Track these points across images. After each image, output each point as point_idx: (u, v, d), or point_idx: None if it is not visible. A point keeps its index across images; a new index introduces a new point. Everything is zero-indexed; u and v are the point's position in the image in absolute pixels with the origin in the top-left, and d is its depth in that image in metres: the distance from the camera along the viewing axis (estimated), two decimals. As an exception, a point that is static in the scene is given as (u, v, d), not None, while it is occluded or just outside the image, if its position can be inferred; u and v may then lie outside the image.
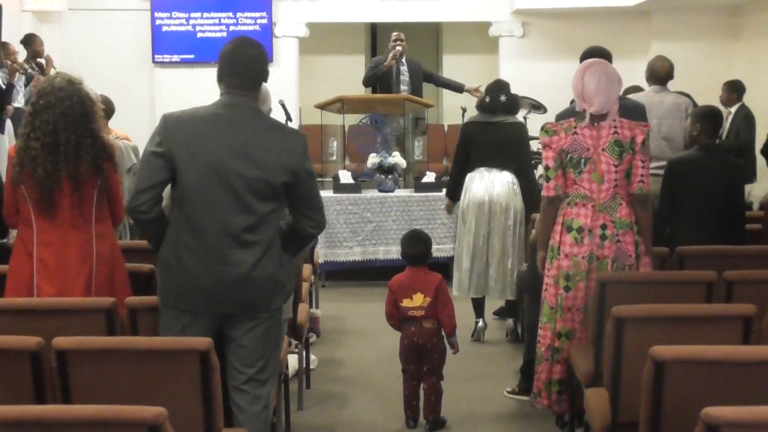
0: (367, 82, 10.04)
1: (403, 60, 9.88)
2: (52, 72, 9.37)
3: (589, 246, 4.55)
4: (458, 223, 6.99)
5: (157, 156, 3.54)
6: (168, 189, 3.67)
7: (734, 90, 9.65)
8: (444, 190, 8.44)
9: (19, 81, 9.64)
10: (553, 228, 4.65)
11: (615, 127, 4.57)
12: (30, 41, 10.39)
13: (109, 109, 6.31)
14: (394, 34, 10.00)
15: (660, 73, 6.72)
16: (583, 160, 4.55)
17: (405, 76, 9.87)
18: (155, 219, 3.60)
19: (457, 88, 10.11)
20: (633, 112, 5.38)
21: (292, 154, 3.60)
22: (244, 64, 3.63)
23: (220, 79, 3.65)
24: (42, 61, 10.33)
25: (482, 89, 9.82)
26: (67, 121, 4.11)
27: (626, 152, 4.55)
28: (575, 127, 4.58)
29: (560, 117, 5.53)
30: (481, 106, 6.90)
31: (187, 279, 3.57)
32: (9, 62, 9.58)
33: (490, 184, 6.74)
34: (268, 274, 3.59)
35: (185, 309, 3.59)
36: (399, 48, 9.75)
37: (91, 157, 4.12)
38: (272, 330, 3.69)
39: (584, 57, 5.42)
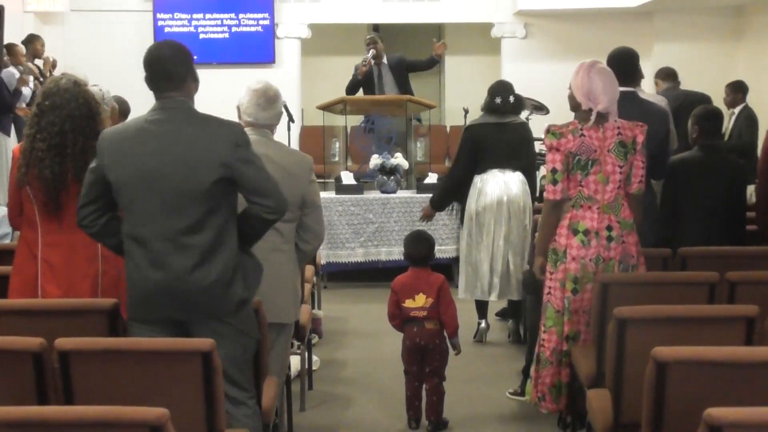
0: (347, 92, 9.81)
1: (384, 61, 9.73)
2: (53, 73, 9.42)
3: (596, 248, 4.54)
4: (468, 225, 6.87)
5: (91, 172, 3.63)
6: None
7: (738, 91, 9.64)
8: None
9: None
10: (557, 231, 4.64)
11: (618, 127, 4.56)
12: (31, 41, 10.40)
13: (124, 109, 6.40)
14: (367, 38, 9.84)
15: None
16: (590, 162, 4.54)
17: (388, 77, 9.73)
18: (100, 232, 3.66)
19: (431, 61, 9.88)
20: (654, 114, 5.29)
21: (220, 147, 3.53)
22: (159, 65, 3.64)
23: (148, 87, 3.67)
24: (40, 62, 10.35)
25: (437, 41, 9.76)
26: (74, 123, 4.11)
27: (629, 153, 4.55)
28: (582, 129, 4.57)
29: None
30: (491, 108, 6.81)
31: (135, 287, 3.58)
32: (22, 66, 9.62)
33: (505, 185, 6.71)
34: (212, 277, 3.52)
35: (139, 318, 3.59)
36: (372, 52, 9.59)
37: None
38: (235, 336, 3.59)
39: (613, 57, 5.35)
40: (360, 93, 9.98)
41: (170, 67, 3.63)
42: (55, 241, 4.15)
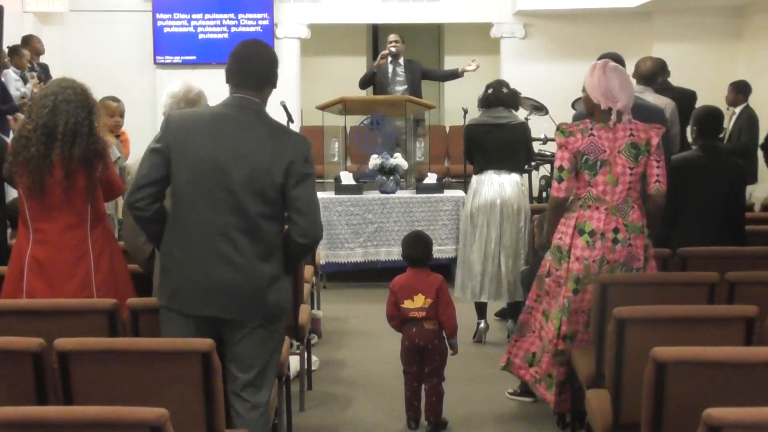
0: (360, 85, 10.23)
1: (401, 61, 10.04)
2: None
3: (600, 250, 4.54)
4: (464, 226, 6.94)
5: (155, 153, 3.56)
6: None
7: (740, 91, 9.64)
8: (445, 192, 8.50)
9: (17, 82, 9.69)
10: (563, 230, 4.64)
11: (630, 129, 4.56)
12: (28, 41, 10.39)
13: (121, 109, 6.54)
14: (390, 36, 10.14)
15: (644, 73, 6.64)
16: (599, 162, 4.53)
17: (401, 77, 10.01)
18: (153, 217, 3.58)
19: (455, 74, 10.26)
20: (651, 114, 5.31)
21: (291, 156, 3.53)
22: (249, 62, 3.62)
23: (228, 79, 3.65)
24: (45, 64, 10.36)
25: (476, 62, 9.94)
26: (69, 106, 4.11)
27: (642, 155, 4.54)
28: (592, 129, 4.56)
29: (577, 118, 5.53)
30: (484, 100, 6.86)
31: (178, 277, 3.55)
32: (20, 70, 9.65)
33: (500, 187, 6.73)
34: (260, 280, 3.52)
35: (176, 309, 3.56)
36: (393, 49, 9.94)
37: (84, 147, 4.10)
38: (270, 338, 3.63)
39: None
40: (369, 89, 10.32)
41: (263, 68, 3.63)
42: (44, 238, 4.16)
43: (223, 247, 3.50)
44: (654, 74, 6.71)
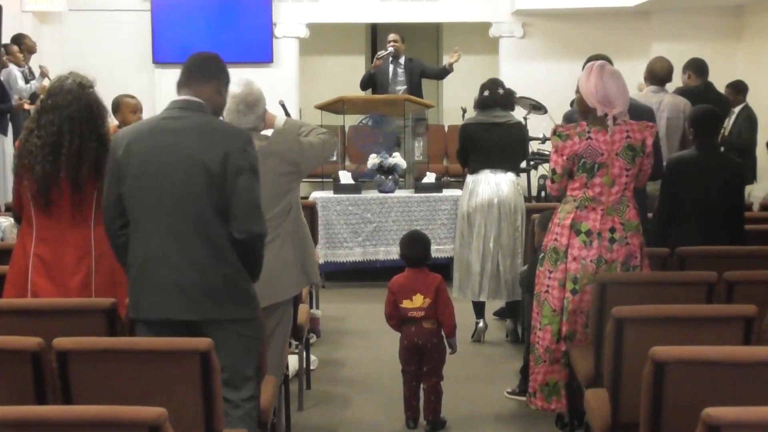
0: (361, 87, 10.28)
1: (401, 60, 10.07)
2: (46, 81, 9.45)
3: (597, 249, 4.55)
4: (460, 226, 6.95)
5: (108, 173, 3.66)
6: None
7: (739, 92, 9.64)
8: (444, 191, 8.50)
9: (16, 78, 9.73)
10: (558, 231, 4.64)
11: (627, 131, 4.55)
12: (21, 40, 10.37)
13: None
14: (390, 35, 10.18)
15: (659, 74, 6.71)
16: (596, 165, 4.53)
17: (401, 77, 10.05)
18: (126, 243, 3.62)
19: (446, 71, 10.26)
20: (643, 114, 5.33)
21: (226, 148, 3.50)
22: (186, 63, 3.76)
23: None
24: (34, 67, 10.38)
25: (457, 53, 9.97)
26: (72, 125, 4.11)
27: (638, 156, 4.56)
28: (589, 132, 4.56)
29: (568, 118, 5.54)
30: (479, 102, 6.87)
31: (137, 287, 3.59)
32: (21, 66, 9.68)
33: (497, 186, 6.74)
34: (215, 278, 3.51)
35: (143, 318, 3.59)
36: (390, 49, 10.02)
37: (93, 159, 4.12)
38: (241, 337, 3.60)
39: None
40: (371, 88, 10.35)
41: (197, 62, 3.74)
42: (48, 236, 4.16)
43: (175, 250, 3.50)
44: (667, 75, 6.74)
